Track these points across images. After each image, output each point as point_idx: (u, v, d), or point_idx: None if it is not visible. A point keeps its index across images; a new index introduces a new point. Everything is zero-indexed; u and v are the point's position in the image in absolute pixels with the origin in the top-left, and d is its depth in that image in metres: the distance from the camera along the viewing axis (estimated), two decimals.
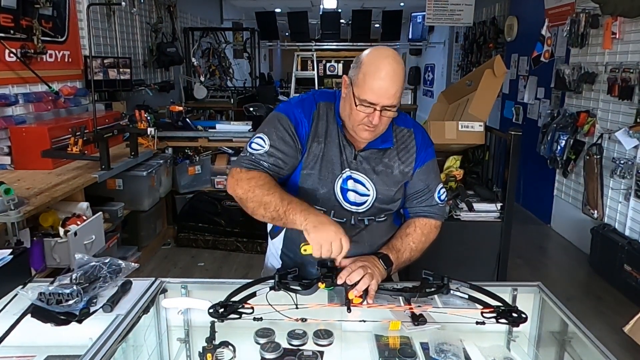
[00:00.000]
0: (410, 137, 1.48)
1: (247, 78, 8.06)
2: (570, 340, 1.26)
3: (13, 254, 1.30)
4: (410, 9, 9.30)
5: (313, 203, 1.37)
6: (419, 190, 1.50)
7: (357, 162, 1.43)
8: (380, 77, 1.28)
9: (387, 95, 1.29)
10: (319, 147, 1.41)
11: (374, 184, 1.43)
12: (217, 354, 1.15)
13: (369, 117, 1.31)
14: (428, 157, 1.49)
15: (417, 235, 1.50)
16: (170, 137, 4.22)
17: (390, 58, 1.30)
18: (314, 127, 1.41)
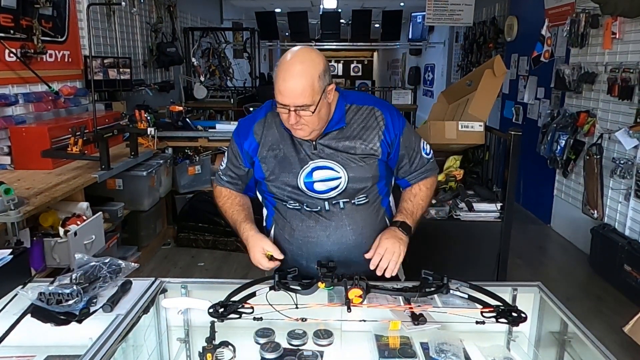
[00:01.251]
0: (370, 114, 1.48)
1: (247, 78, 8.06)
2: (570, 340, 1.26)
3: (13, 254, 1.31)
4: (410, 9, 9.30)
5: (285, 202, 1.51)
6: (408, 155, 1.54)
7: (318, 150, 1.46)
8: (284, 79, 1.31)
9: (294, 95, 1.31)
10: (273, 154, 1.48)
11: (341, 165, 1.46)
12: (217, 354, 1.15)
13: (288, 117, 1.36)
14: (402, 125, 1.52)
15: (424, 193, 1.58)
16: (170, 137, 4.22)
17: (298, 58, 1.32)
18: (263, 140, 1.49)
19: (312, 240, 1.51)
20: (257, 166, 1.51)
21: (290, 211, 1.52)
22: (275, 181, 1.49)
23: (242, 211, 1.58)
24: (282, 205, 1.53)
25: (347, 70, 16.97)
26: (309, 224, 1.50)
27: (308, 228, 1.51)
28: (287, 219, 1.54)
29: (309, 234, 1.51)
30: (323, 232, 1.50)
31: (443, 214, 2.81)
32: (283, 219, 1.55)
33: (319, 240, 1.50)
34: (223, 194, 1.62)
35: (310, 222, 1.50)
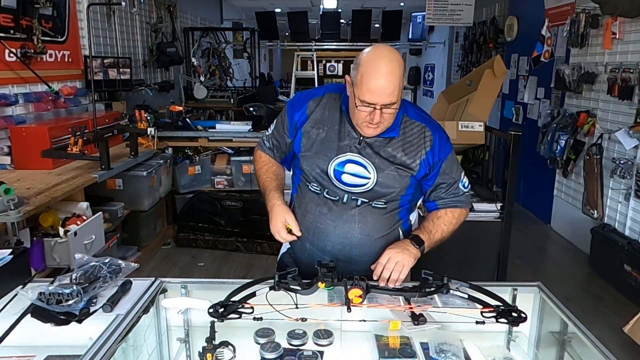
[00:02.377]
0: (420, 132, 1.50)
1: (247, 78, 8.06)
2: (570, 340, 1.26)
3: (13, 254, 1.30)
4: (410, 9, 9.30)
5: (309, 182, 1.55)
6: (443, 182, 1.54)
7: (361, 147, 1.48)
8: (376, 77, 1.32)
9: (385, 94, 1.33)
10: (316, 132, 1.51)
11: (375, 168, 1.47)
12: (217, 354, 1.15)
13: (370, 115, 1.37)
14: (448, 151, 1.53)
15: (448, 218, 1.56)
16: (170, 137, 4.22)
17: (386, 57, 1.33)
18: (313, 116, 1.52)
19: (319, 227, 1.53)
20: (298, 138, 1.54)
21: (310, 193, 1.55)
22: (308, 158, 1.52)
23: (275, 180, 1.62)
24: (304, 185, 1.57)
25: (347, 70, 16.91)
26: (322, 210, 1.53)
27: (320, 214, 1.53)
28: (305, 200, 1.57)
29: (319, 220, 1.53)
30: (332, 222, 1.51)
31: None
32: (301, 199, 1.58)
33: (326, 228, 1.52)
34: (262, 159, 1.67)
35: (324, 208, 1.52)
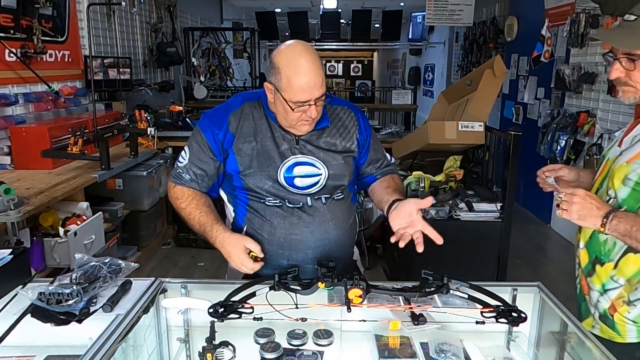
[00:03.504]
0: (346, 114, 1.54)
1: (247, 78, 8.06)
2: (570, 340, 1.26)
3: (13, 253, 1.30)
4: (410, 9, 9.30)
5: (264, 198, 1.46)
6: (377, 158, 1.60)
7: (300, 146, 1.46)
8: (305, 74, 1.30)
9: (317, 88, 1.33)
10: (250, 146, 1.44)
11: (322, 161, 1.46)
12: (217, 354, 1.15)
13: (306, 113, 1.35)
14: (370, 128, 1.59)
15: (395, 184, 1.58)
16: (170, 137, 4.22)
17: (304, 52, 1.32)
18: (240, 131, 1.45)
19: (295, 238, 1.48)
20: (232, 159, 1.45)
21: (270, 209, 1.47)
22: (252, 175, 1.44)
23: (211, 212, 1.47)
24: (258, 203, 1.48)
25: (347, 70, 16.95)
26: (292, 221, 1.47)
27: (291, 225, 1.47)
28: (265, 218, 1.48)
29: (292, 231, 1.47)
30: (307, 229, 1.47)
31: (443, 214, 2.82)
32: (261, 218, 1.48)
33: (302, 236, 1.48)
34: (185, 194, 1.50)
35: (294, 218, 1.47)
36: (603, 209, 1.18)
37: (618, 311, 1.28)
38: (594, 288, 1.34)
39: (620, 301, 1.28)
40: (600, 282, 1.32)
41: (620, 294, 1.28)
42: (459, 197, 2.90)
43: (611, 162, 1.32)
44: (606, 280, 1.30)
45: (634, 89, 1.22)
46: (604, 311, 1.32)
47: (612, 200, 1.25)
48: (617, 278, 1.28)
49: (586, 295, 1.38)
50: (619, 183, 1.23)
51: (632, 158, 1.21)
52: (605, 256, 1.30)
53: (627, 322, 1.28)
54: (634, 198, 1.19)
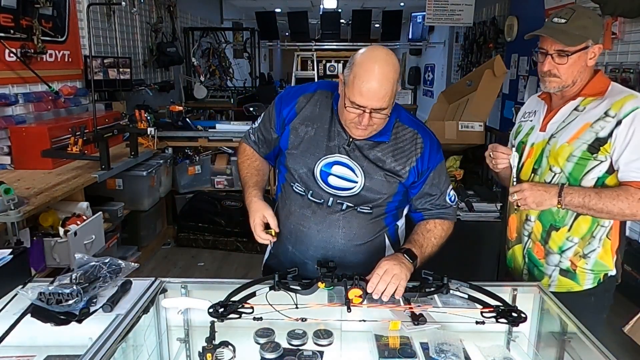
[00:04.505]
0: (412, 138, 1.46)
1: (247, 78, 8.06)
2: (570, 340, 1.26)
3: (13, 253, 1.30)
4: (410, 9, 9.30)
5: (294, 182, 1.50)
6: (432, 194, 1.50)
7: (350, 148, 1.44)
8: (369, 80, 1.27)
9: (376, 99, 1.29)
10: (305, 129, 1.47)
11: (363, 172, 1.43)
12: (217, 354, 1.15)
13: (359, 117, 1.33)
14: (439, 160, 1.50)
15: (438, 232, 1.51)
16: (170, 137, 4.22)
17: (382, 60, 1.29)
18: (303, 112, 1.48)
19: (302, 230, 1.50)
20: (285, 134, 1.49)
21: (294, 194, 1.51)
22: (295, 156, 1.47)
23: (256, 175, 1.58)
24: (289, 185, 1.52)
25: None
26: (306, 213, 1.48)
27: (304, 217, 1.49)
28: (289, 201, 1.53)
29: (302, 222, 1.50)
30: (315, 226, 1.48)
31: None
32: (285, 199, 1.55)
33: (309, 231, 1.48)
34: (247, 152, 1.63)
35: (308, 211, 1.48)
36: (552, 191, 1.42)
37: (578, 265, 1.52)
38: (552, 251, 1.55)
39: (577, 257, 1.52)
40: (557, 245, 1.53)
41: (575, 250, 1.52)
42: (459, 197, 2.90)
43: (540, 145, 1.54)
44: (562, 243, 1.53)
45: (560, 80, 1.45)
46: (567, 267, 1.54)
47: (557, 176, 1.48)
48: (572, 238, 1.51)
49: (541, 259, 1.58)
50: (564, 161, 1.45)
51: (572, 139, 1.44)
52: (560, 222, 1.52)
53: (587, 271, 1.53)
54: (577, 170, 1.44)
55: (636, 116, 1.37)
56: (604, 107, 1.43)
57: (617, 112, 1.39)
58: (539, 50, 1.48)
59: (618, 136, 1.38)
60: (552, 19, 1.44)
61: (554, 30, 1.42)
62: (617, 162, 1.40)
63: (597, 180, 1.44)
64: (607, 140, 1.39)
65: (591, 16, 1.45)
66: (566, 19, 1.41)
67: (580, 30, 1.40)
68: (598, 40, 1.44)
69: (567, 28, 1.41)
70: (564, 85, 1.46)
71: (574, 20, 1.41)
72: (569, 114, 1.49)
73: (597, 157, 1.42)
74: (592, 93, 1.46)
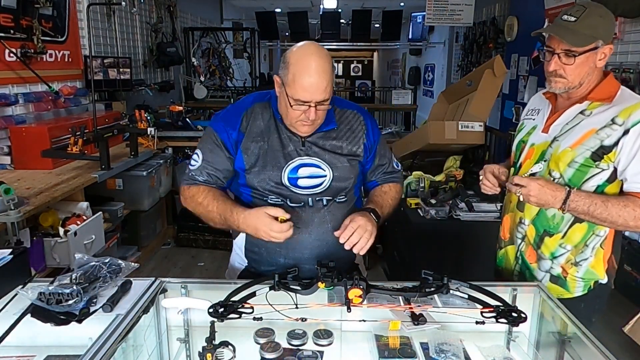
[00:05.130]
0: (355, 118, 1.55)
1: (247, 78, 8.06)
2: (570, 340, 1.26)
3: (13, 253, 1.30)
4: (410, 9, 9.30)
5: (266, 196, 1.48)
6: (381, 164, 1.62)
7: (306, 148, 1.47)
8: (309, 75, 1.31)
9: (319, 91, 1.33)
10: (257, 145, 1.47)
11: (328, 163, 1.48)
12: (217, 354, 1.15)
13: (305, 113, 1.36)
14: (379, 134, 1.60)
15: (393, 193, 1.62)
16: (170, 137, 4.23)
17: (316, 54, 1.34)
18: (247, 130, 1.47)
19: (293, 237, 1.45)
20: (239, 157, 1.48)
21: None
22: (257, 174, 1.46)
23: (228, 199, 1.48)
24: (261, 200, 1.49)
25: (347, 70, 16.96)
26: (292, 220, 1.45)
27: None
28: None
29: None
30: (305, 229, 1.48)
31: (443, 214, 2.81)
32: None
33: (300, 236, 1.47)
34: (201, 189, 1.49)
35: (293, 218, 1.45)
36: (558, 196, 1.36)
37: (569, 272, 1.51)
38: (544, 257, 1.53)
39: (568, 264, 1.50)
40: (549, 251, 1.51)
41: (567, 258, 1.50)
42: (459, 197, 2.90)
43: (541, 147, 1.50)
44: (555, 249, 1.50)
45: (566, 80, 1.40)
46: (558, 274, 1.53)
47: (556, 181, 1.43)
48: (565, 245, 1.49)
49: (533, 264, 1.56)
50: (565, 166, 1.41)
51: (575, 144, 1.40)
52: (554, 228, 1.50)
53: (577, 279, 1.51)
54: (578, 177, 1.40)
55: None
56: (611, 114, 1.37)
57: (625, 120, 1.34)
58: (546, 49, 1.40)
59: (625, 146, 1.33)
60: (562, 16, 1.37)
61: (562, 29, 1.35)
62: (624, 172, 1.36)
63: (597, 188, 1.40)
64: (612, 149, 1.35)
65: (603, 15, 1.37)
66: (576, 17, 1.34)
67: (590, 30, 1.33)
68: (609, 41, 1.37)
69: (576, 27, 1.33)
70: (570, 86, 1.41)
71: (584, 19, 1.33)
72: (575, 116, 1.43)
73: (599, 165, 1.38)
74: (600, 97, 1.40)
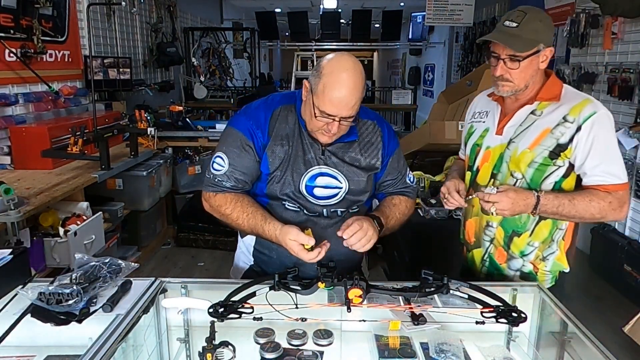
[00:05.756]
0: (374, 130, 1.51)
1: (247, 78, 8.07)
2: (570, 340, 1.26)
3: (13, 253, 1.30)
4: (410, 9, 9.31)
5: (283, 201, 1.45)
6: (393, 178, 1.57)
7: (325, 157, 1.45)
8: (340, 89, 1.28)
9: (347, 108, 1.31)
10: (282, 149, 1.43)
11: (345, 176, 1.46)
12: (217, 354, 1.15)
13: (327, 125, 1.34)
14: (396, 147, 1.56)
15: (402, 208, 1.57)
16: (170, 137, 4.22)
17: (351, 70, 1.30)
18: (274, 132, 1.43)
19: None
20: (264, 160, 1.44)
21: (288, 212, 1.47)
22: (278, 178, 1.44)
23: (258, 211, 1.43)
24: (278, 204, 1.47)
25: None
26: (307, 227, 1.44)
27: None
28: (283, 219, 1.45)
29: None
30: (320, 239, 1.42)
31: (443, 214, 2.81)
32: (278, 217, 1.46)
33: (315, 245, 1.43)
34: (228, 200, 1.44)
35: (308, 224, 1.46)
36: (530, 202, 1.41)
37: (539, 268, 1.57)
38: (515, 256, 1.58)
39: (537, 260, 1.57)
40: (518, 250, 1.56)
41: (536, 254, 1.56)
42: None
43: (498, 149, 1.54)
44: (524, 248, 1.56)
45: (513, 84, 1.45)
46: (529, 271, 1.58)
47: (519, 181, 1.49)
48: (533, 242, 1.55)
49: (502, 264, 1.60)
50: (525, 167, 1.47)
51: (533, 144, 1.45)
52: (522, 228, 1.54)
53: (547, 273, 1.58)
54: (538, 176, 1.47)
55: (595, 121, 1.39)
56: (562, 112, 1.44)
57: (576, 117, 1.41)
58: (491, 55, 1.45)
59: (579, 142, 1.40)
60: (504, 23, 1.43)
61: (505, 35, 1.40)
62: (582, 167, 1.42)
63: (555, 184, 1.47)
64: (568, 146, 1.42)
65: (542, 19, 1.43)
66: (517, 22, 1.39)
67: (532, 35, 1.39)
68: (549, 43, 1.45)
69: (518, 32, 1.39)
70: (517, 89, 1.46)
71: (525, 24, 1.39)
72: (526, 117, 1.49)
73: (557, 163, 1.44)
74: (548, 97, 1.47)
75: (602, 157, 1.40)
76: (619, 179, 1.40)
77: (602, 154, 1.40)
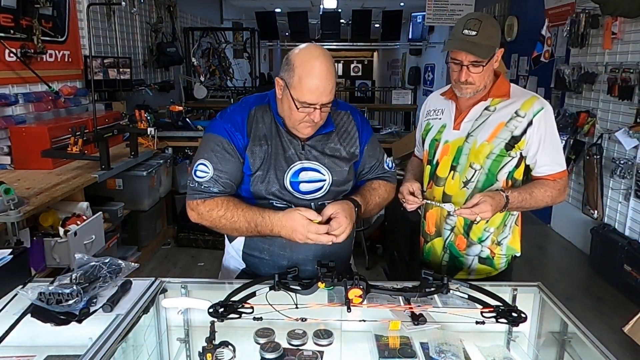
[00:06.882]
0: (348, 119, 1.55)
1: (247, 78, 8.07)
2: (570, 340, 1.26)
3: (13, 253, 1.30)
4: (410, 9, 9.30)
5: (269, 200, 1.46)
6: (371, 165, 1.60)
7: (306, 151, 1.47)
8: (315, 77, 1.32)
9: (326, 93, 1.34)
10: (262, 149, 1.45)
11: (327, 167, 1.47)
12: (217, 354, 1.15)
13: (310, 115, 1.36)
14: (370, 134, 1.59)
15: (382, 192, 1.60)
16: (170, 137, 4.22)
17: (322, 57, 1.34)
18: (252, 133, 1.45)
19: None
20: (245, 161, 1.45)
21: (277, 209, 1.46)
22: (261, 178, 1.44)
23: (249, 204, 1.43)
24: (265, 203, 1.46)
25: (347, 70, 16.96)
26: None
27: None
28: None
29: None
30: None
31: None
32: None
33: None
34: (219, 202, 1.42)
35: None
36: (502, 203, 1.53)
37: (495, 252, 1.70)
38: (473, 242, 1.69)
39: (493, 245, 1.69)
40: (477, 236, 1.68)
41: (492, 239, 1.69)
42: None
43: (456, 143, 1.64)
44: (481, 234, 1.68)
45: (475, 86, 1.58)
46: (487, 255, 1.70)
47: (477, 172, 1.61)
48: (489, 228, 1.67)
49: (462, 251, 1.71)
50: (484, 158, 1.60)
51: (490, 137, 1.59)
52: None
53: (502, 256, 1.71)
54: (495, 166, 1.60)
55: (542, 116, 1.56)
56: (513, 108, 1.59)
57: (527, 112, 1.57)
58: (454, 61, 1.56)
59: (532, 136, 1.56)
60: (462, 32, 1.52)
61: (468, 44, 1.51)
62: (534, 158, 1.59)
63: (509, 174, 1.62)
64: (521, 138, 1.57)
65: (494, 24, 1.58)
66: (476, 30, 1.51)
67: (489, 41, 1.53)
68: (499, 45, 1.60)
69: (478, 40, 1.51)
70: (478, 89, 1.59)
71: (482, 31, 1.51)
72: (481, 113, 1.62)
73: (510, 154, 1.59)
74: (499, 94, 1.62)
75: (551, 148, 1.58)
76: (561, 166, 1.60)
77: (550, 145, 1.57)
